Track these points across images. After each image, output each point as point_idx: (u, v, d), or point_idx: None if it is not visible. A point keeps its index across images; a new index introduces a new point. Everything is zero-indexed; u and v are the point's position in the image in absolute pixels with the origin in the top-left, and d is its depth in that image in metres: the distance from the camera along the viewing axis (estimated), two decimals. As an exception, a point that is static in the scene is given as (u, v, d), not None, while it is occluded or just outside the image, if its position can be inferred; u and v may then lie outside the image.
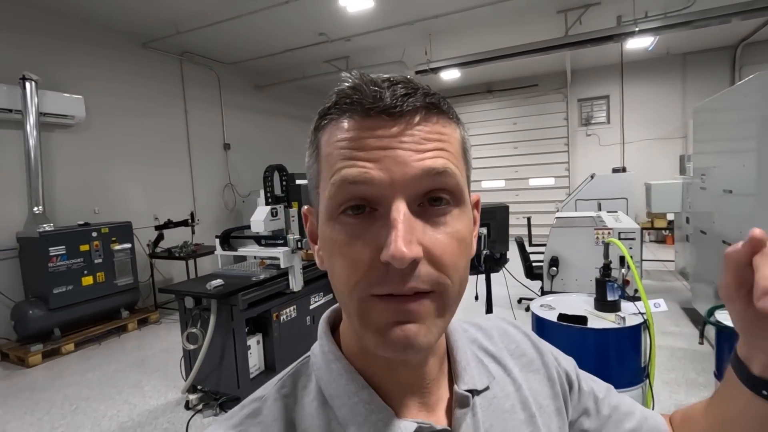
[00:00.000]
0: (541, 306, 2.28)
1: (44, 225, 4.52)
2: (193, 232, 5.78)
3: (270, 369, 3.27)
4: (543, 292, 5.16)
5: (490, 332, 0.58)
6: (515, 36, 6.43)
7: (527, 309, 5.17)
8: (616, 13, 6.13)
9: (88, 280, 4.77)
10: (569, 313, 2.14)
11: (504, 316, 0.63)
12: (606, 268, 2.18)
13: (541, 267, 5.18)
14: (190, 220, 5.62)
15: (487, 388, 0.49)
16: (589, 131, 9.67)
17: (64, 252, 4.55)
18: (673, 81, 8.78)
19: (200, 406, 3.20)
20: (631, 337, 1.94)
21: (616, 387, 1.79)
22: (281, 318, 3.32)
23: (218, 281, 2.96)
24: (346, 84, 0.40)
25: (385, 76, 0.40)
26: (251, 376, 3.12)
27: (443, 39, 6.74)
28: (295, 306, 3.47)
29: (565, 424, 0.55)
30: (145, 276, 5.78)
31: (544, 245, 5.62)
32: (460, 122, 0.45)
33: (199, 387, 3.24)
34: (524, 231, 5.75)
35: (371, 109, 0.37)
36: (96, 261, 4.85)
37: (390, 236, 0.35)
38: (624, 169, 7.19)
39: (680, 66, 8.70)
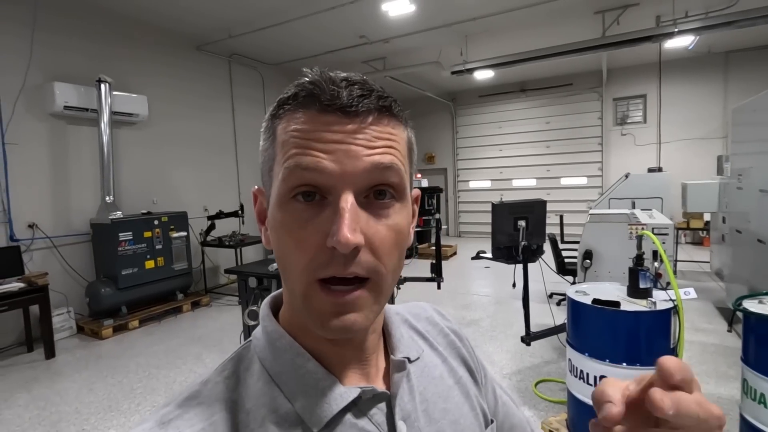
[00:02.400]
0: (577, 292, 2.49)
1: (114, 213, 5.02)
2: (242, 223, 6.20)
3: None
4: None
5: (418, 316, 0.63)
6: (551, 36, 6.53)
7: (558, 303, 5.32)
8: (656, 13, 6.14)
9: (150, 264, 5.25)
10: (603, 298, 2.34)
11: (432, 304, 0.70)
12: (639, 259, 2.37)
13: (573, 263, 5.32)
14: (239, 212, 6.04)
15: (418, 359, 0.53)
16: (625, 131, 9.59)
17: (131, 237, 5.04)
18: (714, 80, 8.61)
19: (258, 377, 3.56)
20: (661, 320, 2.13)
21: (644, 365, 2.01)
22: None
23: (274, 266, 3.30)
24: (306, 78, 0.41)
25: (342, 75, 0.42)
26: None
27: (479, 40, 6.92)
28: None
29: (480, 393, 0.60)
30: (197, 262, 6.26)
31: (576, 242, 5.74)
32: (408, 124, 0.49)
33: (256, 360, 3.60)
34: (556, 229, 5.88)
35: (328, 106, 0.40)
36: (157, 246, 5.33)
37: (337, 223, 0.37)
38: (660, 169, 7.16)
39: (722, 64, 8.52)
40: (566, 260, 5.26)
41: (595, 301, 2.29)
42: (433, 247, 9.24)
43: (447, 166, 11.82)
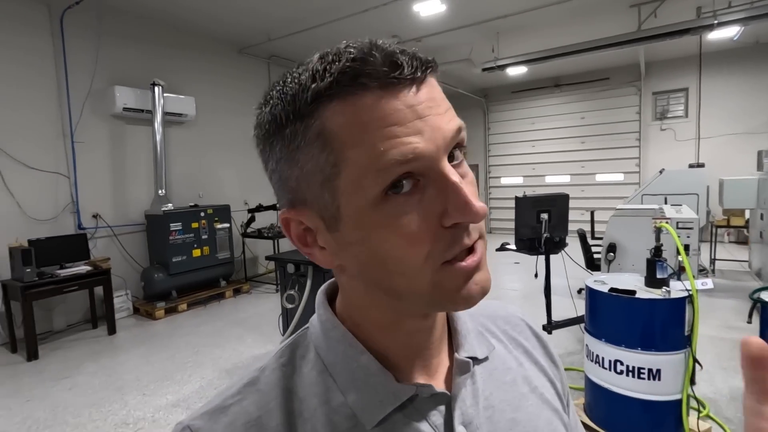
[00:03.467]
0: (595, 281, 2.60)
1: (167, 205, 5.49)
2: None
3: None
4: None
5: (494, 313, 0.57)
6: (585, 31, 6.48)
7: (587, 298, 5.35)
8: (696, 4, 5.98)
9: (197, 252, 5.69)
10: (620, 287, 2.45)
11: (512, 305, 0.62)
12: (657, 250, 2.46)
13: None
14: (277, 206, 6.41)
15: (486, 359, 0.48)
16: (664, 125, 9.30)
17: (180, 228, 5.49)
18: (761, 72, 8.21)
19: (294, 356, 3.86)
20: (675, 307, 2.22)
21: (659, 351, 2.12)
22: (361, 287, 3.88)
23: (314, 252, 3.57)
24: (349, 55, 0.34)
25: (376, 41, 0.36)
26: (336, 333, 3.72)
27: (511, 36, 6.95)
28: (372, 278, 4.01)
29: (565, 410, 0.53)
30: (238, 252, 6.69)
31: (608, 239, 5.72)
32: None
33: (293, 341, 3.90)
34: (587, 226, 5.87)
35: (396, 80, 0.34)
36: (203, 237, 5.77)
37: (456, 198, 0.35)
38: (701, 165, 6.95)
39: (772, 56, 8.12)
40: (595, 256, 5.27)
41: (611, 289, 2.40)
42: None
43: (478, 162, 11.83)
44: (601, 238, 5.73)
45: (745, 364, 0.30)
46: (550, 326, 3.14)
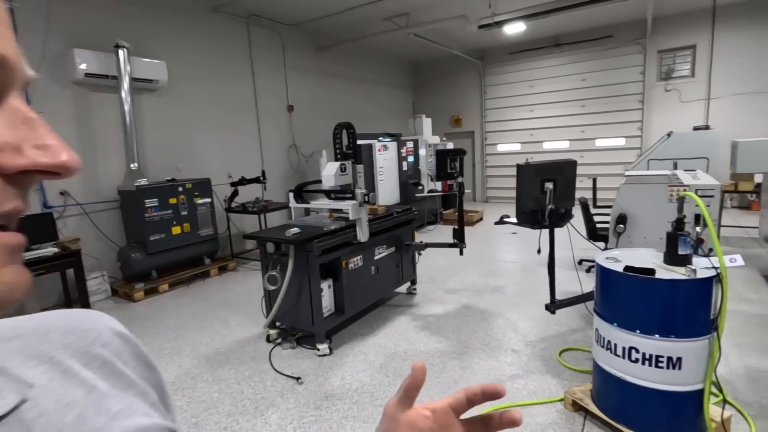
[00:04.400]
0: (607, 258, 2.31)
1: (140, 180, 5.10)
2: (264, 189, 6.21)
3: (339, 311, 3.59)
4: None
5: (44, 326, 0.37)
6: (590, -19, 5.94)
7: (588, 270, 5.11)
8: (712, -52, 5.44)
9: (176, 230, 5.36)
10: (636, 265, 2.16)
11: (104, 314, 0.45)
12: (679, 223, 2.16)
13: (605, 228, 5.05)
14: (261, 178, 6.03)
15: (16, 409, 0.31)
16: (669, 86, 8.85)
17: (156, 204, 5.13)
18: (776, 25, 7.71)
19: (279, 340, 3.62)
20: (702, 289, 1.94)
21: (680, 337, 1.84)
22: (349, 266, 3.59)
23: (295, 229, 3.26)
24: None
25: None
26: (324, 315, 3.46)
27: (509, -11, 6.39)
28: (361, 256, 3.72)
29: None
30: (222, 228, 6.36)
31: (610, 206, 5.43)
32: None
33: (277, 323, 3.65)
34: (589, 193, 5.56)
35: None
36: (182, 213, 5.42)
37: (45, 137, 0.27)
38: (707, 128, 6.59)
39: (788, 7, 7.59)
40: (598, 225, 4.99)
41: (627, 268, 2.12)
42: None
43: (474, 129, 11.38)
44: (603, 207, 5.45)
45: (411, 383, 0.41)
46: (554, 306, 2.89)
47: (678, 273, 2.05)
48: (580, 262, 5.39)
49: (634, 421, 2.15)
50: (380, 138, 7.49)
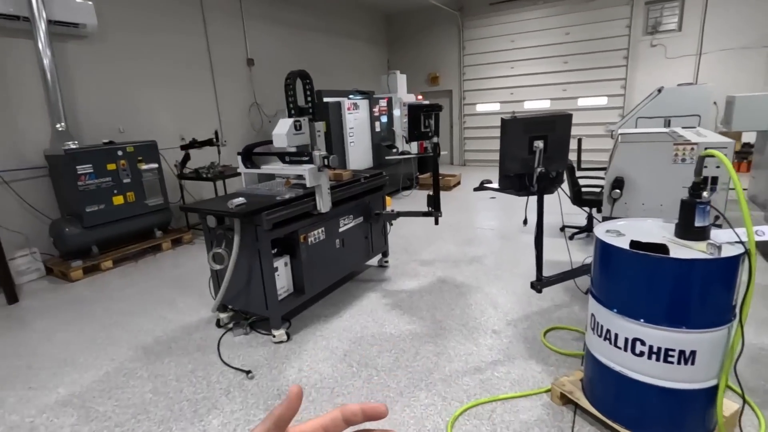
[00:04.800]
0: (608, 232, 1.92)
1: (69, 143, 4.41)
2: (219, 153, 5.58)
3: (299, 291, 3.17)
4: (590, 226, 4.75)
5: None
6: None
7: (572, 237, 4.82)
8: None
9: (118, 200, 4.74)
10: (643, 240, 1.78)
11: None
12: (697, 188, 1.77)
13: (591, 192, 4.72)
14: (214, 140, 5.39)
15: None
16: (655, 41, 8.41)
17: (91, 170, 4.48)
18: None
19: (231, 325, 3.19)
20: (727, 270, 1.58)
21: (694, 327, 1.47)
22: (309, 240, 3.13)
23: (240, 199, 2.75)
24: None
25: None
26: (280, 296, 3.03)
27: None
28: (323, 228, 3.26)
29: None
30: (176, 197, 5.75)
31: (595, 169, 5.10)
32: None
33: (229, 306, 3.21)
34: (572, 155, 5.19)
35: None
36: (124, 180, 4.78)
37: None
38: (690, 84, 6.25)
39: (782, -46, 7.13)
40: (583, 189, 4.65)
41: (633, 244, 1.74)
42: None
43: (452, 88, 10.77)
44: (588, 169, 5.11)
45: (283, 412, 0.34)
46: (541, 284, 2.53)
47: (695, 250, 1.68)
48: (563, 228, 5.10)
49: (632, 420, 1.84)
50: (350, 95, 6.85)
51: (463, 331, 2.96)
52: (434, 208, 3.67)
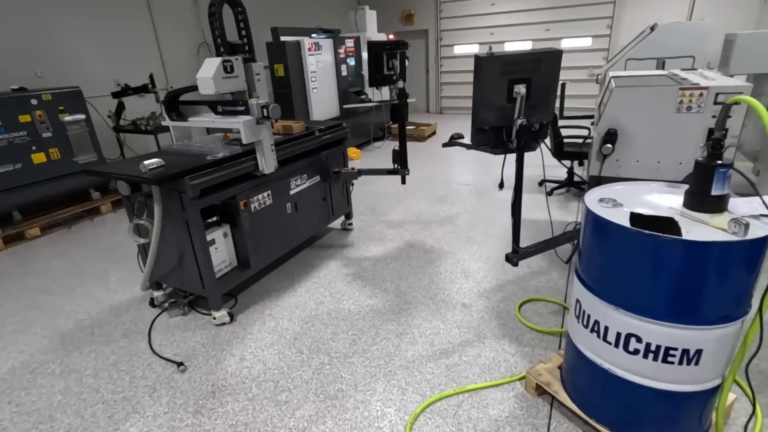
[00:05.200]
0: (601, 201, 1.54)
1: (-36, 89, 3.68)
2: (157, 101, 4.88)
3: (243, 265, 2.76)
4: (571, 181, 4.41)
5: None
6: None
7: (550, 193, 4.49)
8: None
9: (39, 158, 4.09)
10: (644, 212, 1.42)
11: None
12: (718, 146, 1.38)
13: (573, 144, 4.34)
14: (149, 85, 4.67)
15: None
16: (647, -26, 7.74)
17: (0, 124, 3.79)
18: None
19: (167, 304, 2.78)
20: (752, 254, 1.24)
21: (703, 324, 1.11)
22: (252, 206, 2.67)
23: (155, 161, 2.24)
24: None
25: None
26: (220, 273, 2.61)
27: None
28: (269, 192, 2.80)
29: None
30: (115, 153, 5.09)
31: (578, 118, 4.68)
32: None
33: (164, 285, 2.79)
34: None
35: None
36: (44, 135, 4.10)
37: None
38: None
39: None
40: (566, 141, 4.27)
41: (635, 219, 1.37)
42: (410, 127, 8.09)
43: (428, 27, 9.91)
44: (571, 118, 4.69)
45: None
46: (517, 256, 2.19)
47: (711, 226, 1.32)
48: (541, 183, 4.76)
49: (618, 422, 1.57)
50: (312, 34, 6.07)
51: (430, 306, 2.64)
52: (401, 165, 3.22)
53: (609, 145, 2.25)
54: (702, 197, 1.40)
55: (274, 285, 3.00)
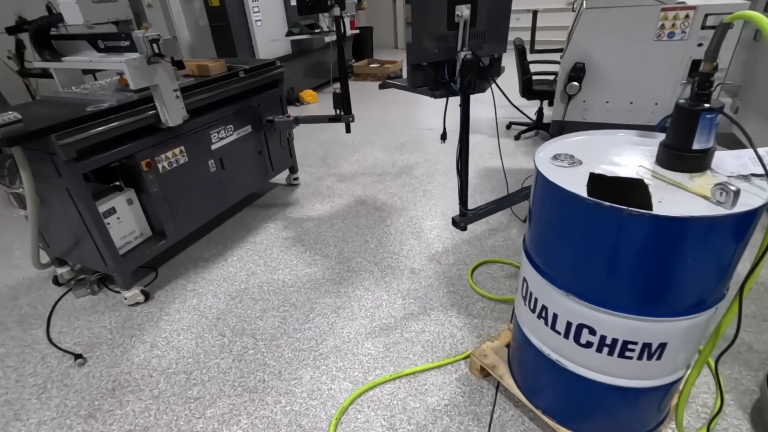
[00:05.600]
0: (555, 159, 1.21)
1: None
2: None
3: (159, 235, 2.38)
4: (540, 123, 4.03)
5: None
6: None
7: (517, 137, 4.15)
8: None
9: None
10: (608, 172, 1.10)
11: None
12: (705, 82, 1.04)
13: (544, 82, 3.93)
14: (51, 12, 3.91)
15: None
16: None
17: None
18: None
19: (73, 282, 2.42)
20: (738, 230, 0.95)
21: (671, 315, 0.89)
22: (159, 166, 2.25)
23: (10, 115, 1.76)
24: None
25: None
26: (129, 246, 2.24)
27: None
28: (181, 148, 2.35)
29: None
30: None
31: (550, 52, 4.23)
32: None
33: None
34: (524, 35, 4.23)
35: None
36: (-77, 82, 3.43)
37: None
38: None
39: None
40: (535, 78, 3.85)
41: (595, 184, 1.04)
42: (374, 65, 7.42)
43: (394, -51, 8.85)
44: (542, 52, 4.22)
45: None
46: (465, 220, 1.88)
47: (690, 191, 1.01)
48: (509, 126, 4.40)
49: (567, 414, 1.37)
50: (253, -45, 5.20)
51: (375, 273, 2.36)
52: (344, 111, 2.79)
53: (575, 83, 1.88)
54: (681, 152, 1.08)
55: (203, 254, 2.65)
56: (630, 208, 0.93)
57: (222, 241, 2.77)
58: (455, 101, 1.67)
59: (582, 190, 1.02)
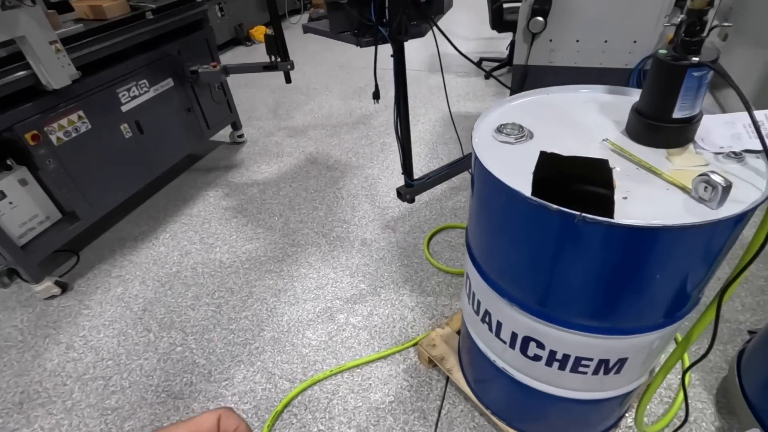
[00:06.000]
0: (500, 131, 0.93)
1: None
2: None
3: (70, 216, 2.07)
4: (513, 50, 3.62)
5: None
6: None
7: (488, 76, 3.77)
8: None
9: None
10: (563, 150, 0.83)
11: None
12: (695, 22, 0.75)
13: (516, 11, 3.48)
14: None
15: None
16: None
17: None
18: None
19: (-19, 274, 2.13)
20: (721, 235, 0.71)
21: (632, 332, 0.71)
22: (52, 137, 1.88)
23: None
24: None
25: None
26: (32, 233, 1.94)
27: None
28: (80, 113, 1.97)
29: None
30: None
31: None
32: None
33: (-31, 247, 2.09)
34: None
35: None
36: None
37: None
38: None
39: None
40: (506, 6, 3.40)
41: (545, 167, 0.78)
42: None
43: None
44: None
45: None
46: (411, 191, 1.62)
47: (665, 177, 0.76)
48: (480, 62, 3.99)
49: (517, 418, 1.22)
50: None
51: (322, 246, 2.13)
52: (280, 57, 2.37)
53: (539, 18, 1.54)
54: (657, 122, 0.82)
55: (132, 231, 2.36)
56: (583, 215, 0.68)
57: (155, 215, 2.47)
58: (387, 49, 1.34)
59: (527, 182, 0.76)
